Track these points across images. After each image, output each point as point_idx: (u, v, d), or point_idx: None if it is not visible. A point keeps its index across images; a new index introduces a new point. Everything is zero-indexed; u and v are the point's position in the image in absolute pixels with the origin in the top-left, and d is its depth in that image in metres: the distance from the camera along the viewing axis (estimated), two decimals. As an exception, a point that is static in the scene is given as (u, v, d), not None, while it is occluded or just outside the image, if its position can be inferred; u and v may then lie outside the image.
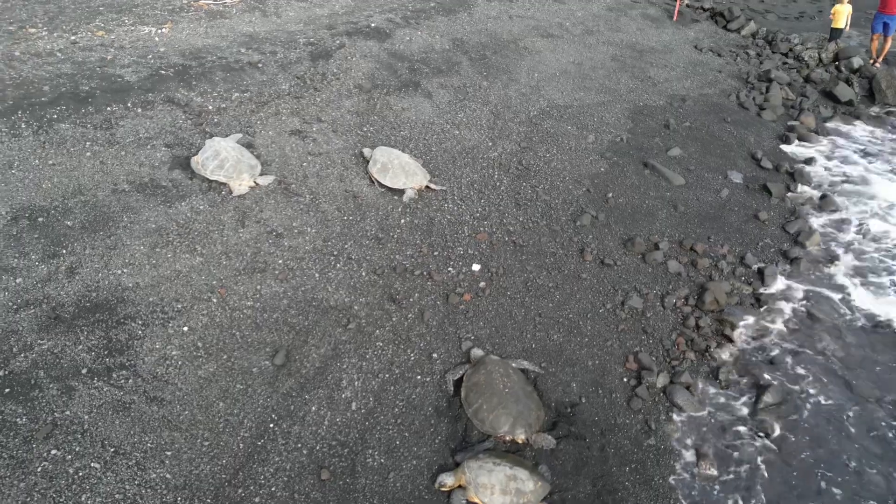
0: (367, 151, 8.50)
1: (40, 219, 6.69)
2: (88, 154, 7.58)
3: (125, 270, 6.30)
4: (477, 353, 5.95)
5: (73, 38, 10.36)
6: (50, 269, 6.17)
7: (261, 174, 7.84)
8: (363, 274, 6.75)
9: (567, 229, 7.98)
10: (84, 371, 5.33)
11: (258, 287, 6.37)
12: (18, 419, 4.89)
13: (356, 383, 5.62)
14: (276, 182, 7.80)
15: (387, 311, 6.38)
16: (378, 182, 8.05)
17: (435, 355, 6.02)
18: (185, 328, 5.82)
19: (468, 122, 9.72)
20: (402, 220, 7.56)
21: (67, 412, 5.00)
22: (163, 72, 9.37)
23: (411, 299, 6.56)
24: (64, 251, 6.39)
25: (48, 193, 6.97)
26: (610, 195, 8.73)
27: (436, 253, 7.20)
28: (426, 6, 13.14)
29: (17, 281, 6.01)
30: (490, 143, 9.34)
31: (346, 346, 5.95)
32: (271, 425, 5.17)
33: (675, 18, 15.61)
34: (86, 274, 6.19)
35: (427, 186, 8.13)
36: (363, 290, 6.56)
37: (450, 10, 13.18)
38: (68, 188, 7.08)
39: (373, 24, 11.80)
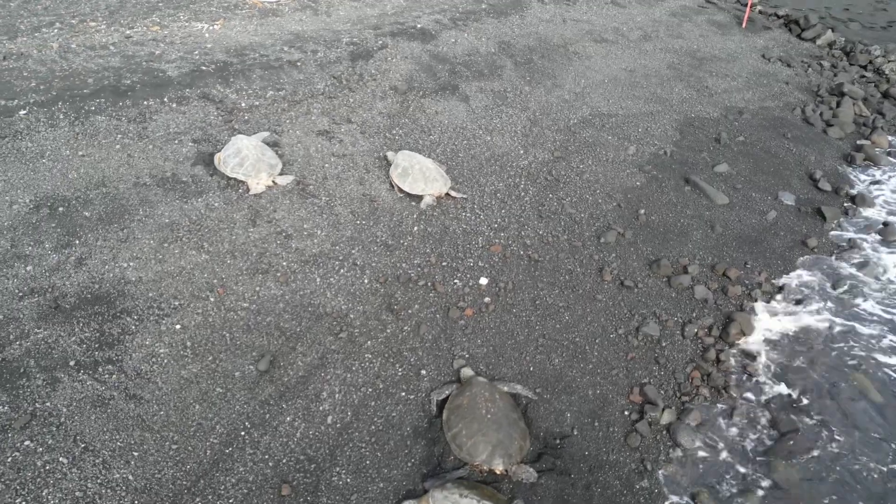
0: (390, 155, 8.31)
1: (60, 208, 6.81)
2: (118, 147, 7.69)
3: (131, 264, 6.33)
4: (467, 372, 5.65)
5: (128, 32, 10.61)
6: (60, 259, 6.26)
7: (280, 174, 7.77)
8: (365, 281, 6.56)
9: (589, 246, 7.54)
10: (72, 363, 5.35)
11: (257, 289, 6.28)
12: (0, 406, 4.94)
13: (337, 395, 5.43)
14: (294, 182, 7.71)
15: (382, 322, 6.16)
16: (398, 187, 7.84)
17: (424, 372, 5.75)
18: (178, 326, 5.78)
19: (502, 129, 9.38)
20: (416, 228, 7.32)
21: (48, 403, 5.03)
22: (203, 68, 9.46)
23: (410, 311, 6.32)
24: (77, 241, 6.48)
25: (73, 184, 7.10)
26: (642, 212, 8.21)
27: (444, 263, 6.92)
28: (477, 8, 12.84)
29: (28, 269, 6.12)
30: (522, 151, 8.97)
31: (334, 356, 5.76)
32: (242, 433, 5.04)
33: (744, 25, 14.70)
34: (93, 265, 6.25)
35: (447, 194, 7.86)
36: (362, 297, 6.36)
37: (501, 12, 12.84)
38: (92, 179, 7.19)
39: (419, 25, 11.61)
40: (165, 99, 8.75)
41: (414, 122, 9.17)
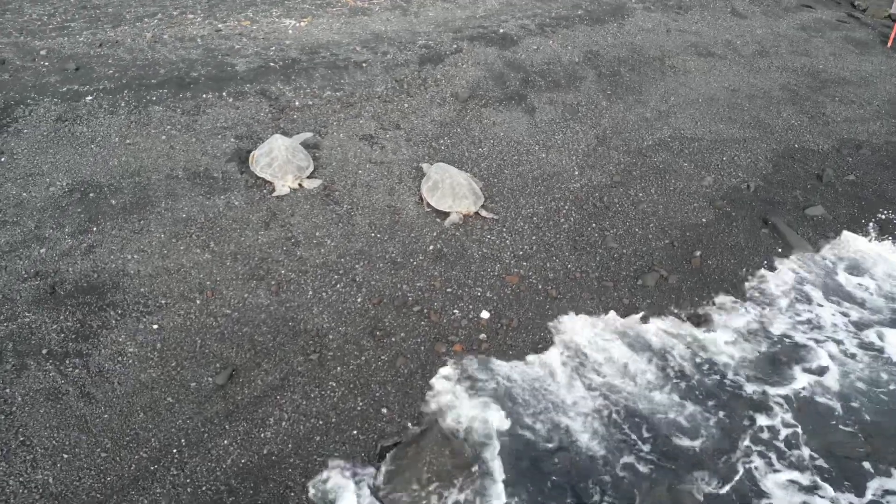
0: (425, 166, 7.78)
1: (91, 194, 6.93)
2: (163, 138, 7.76)
3: (135, 256, 6.29)
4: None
5: (220, 26, 10.83)
6: (73, 244, 6.33)
7: (309, 177, 7.48)
8: (358, 300, 6.10)
9: (622, 287, 6.60)
10: (44, 351, 5.34)
11: (246, 296, 6.01)
12: (-37, 387, 4.99)
13: (283, 423, 5.02)
14: (321, 186, 7.40)
15: (360, 348, 5.67)
16: (426, 201, 7.30)
17: (385, 410, 5.21)
18: (156, 326, 5.64)
19: (562, 146, 8.53)
20: (431, 247, 6.75)
21: (7, 390, 5.02)
22: (272, 64, 9.41)
23: (394, 338, 5.78)
24: (94, 228, 6.54)
25: (111, 171, 7.22)
26: (697, 254, 7.10)
27: (449, 289, 6.31)
28: (572, 13, 11.93)
29: (42, 251, 6.24)
30: (576, 172, 8.10)
31: (297, 379, 5.36)
32: (174, 450, 4.76)
33: (889, 45, 12.58)
34: (100, 254, 6.27)
35: (476, 213, 7.20)
36: (349, 318, 5.91)
37: (598, 19, 11.83)
38: (130, 168, 7.28)
39: (501, 30, 10.94)
40: (224, 93, 8.76)
41: (466, 132, 8.56)
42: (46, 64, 9.23)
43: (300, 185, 7.39)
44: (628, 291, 6.60)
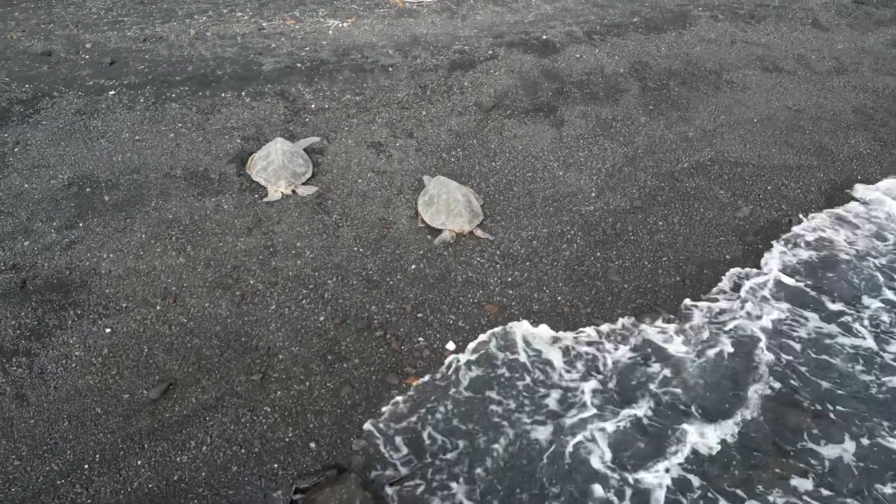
0: (425, 179, 7.31)
1: (88, 189, 6.91)
2: (171, 135, 7.68)
3: (111, 256, 6.18)
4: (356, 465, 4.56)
5: (264, 24, 10.78)
6: (56, 239, 6.31)
7: (305, 183, 7.17)
8: (321, 318, 5.71)
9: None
10: (-4, 347, 5.26)
11: (207, 305, 5.76)
12: (-90, 378, 4.98)
13: (204, 448, 4.69)
14: (315, 194, 7.07)
15: (308, 372, 5.28)
16: (421, 216, 6.83)
17: (313, 445, 4.78)
18: (108, 330, 5.48)
19: (584, 164, 7.82)
20: (413, 266, 6.27)
21: (-52, 384, 4.96)
22: (299, 65, 9.23)
23: (346, 364, 5.35)
24: (81, 224, 6.50)
25: (113, 167, 7.19)
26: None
27: (420, 314, 5.81)
28: (627, 21, 11.07)
29: (25, 244, 6.24)
30: (593, 194, 7.38)
31: (232, 400, 5.03)
32: (86, 466, 4.54)
33: None
34: (78, 251, 6.20)
35: (471, 232, 6.65)
36: (305, 338, 5.54)
37: (655, 27, 10.92)
38: (132, 165, 7.23)
39: (544, 37, 10.28)
40: (243, 93, 8.62)
41: (483, 144, 8.00)
42: (87, 57, 9.41)
43: (293, 191, 7.08)
44: (621, 333, 5.84)
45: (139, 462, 4.56)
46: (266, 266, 6.19)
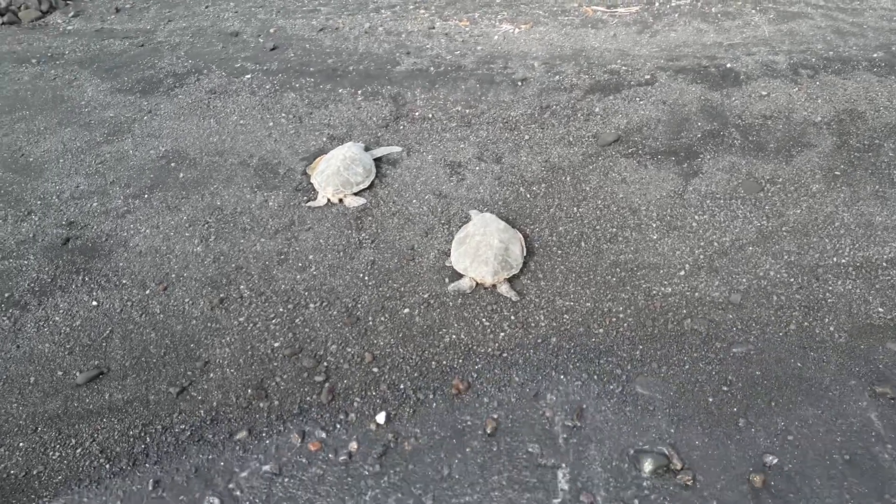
0: (472, 213, 6.28)
1: (172, 164, 7.29)
2: (270, 124, 7.79)
3: (147, 231, 6.39)
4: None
5: (438, 23, 10.59)
6: (118, 205, 6.71)
7: (358, 193, 6.68)
8: (275, 345, 5.18)
9: (600, 459, 4.34)
10: (6, 295, 5.71)
11: (187, 300, 5.60)
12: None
13: (79, 450, 4.47)
14: (362, 206, 6.54)
15: (222, 400, 4.78)
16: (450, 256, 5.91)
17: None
18: (94, 303, 5.63)
19: (692, 231, 6.05)
20: (406, 310, 5.40)
21: (-45, 318, 5.49)
22: (432, 69, 8.94)
23: (261, 404, 4.74)
24: (147, 195, 6.84)
25: (204, 146, 7.51)
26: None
27: (375, 369, 4.95)
28: (863, 55, 8.45)
29: (94, 204, 6.74)
30: (682, 272, 5.64)
31: (137, 408, 4.75)
32: (-19, 432, 4.61)
33: None
34: (126, 221, 6.54)
35: (493, 285, 5.53)
36: (246, 362, 5.05)
37: (901, 67, 8.15)
38: (221, 147, 7.46)
39: (729, 65, 8.31)
40: (360, 91, 8.40)
41: (576, 183, 6.66)
42: (261, 41, 10.00)
43: (340, 199, 6.58)
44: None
45: (21, 444, 4.47)
46: (266, 274, 5.78)
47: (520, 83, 8.23)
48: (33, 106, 8.53)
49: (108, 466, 4.34)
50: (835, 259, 5.62)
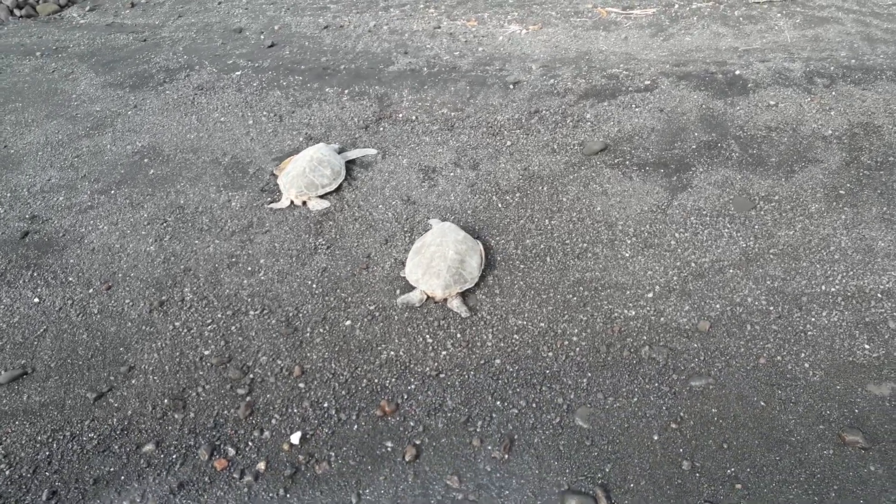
0: (433, 222, 5.94)
1: (145, 160, 7.18)
2: (250, 122, 7.62)
3: (104, 228, 6.26)
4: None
5: (445, 23, 10.33)
6: (83, 200, 6.62)
7: (323, 196, 6.43)
8: (205, 353, 4.95)
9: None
10: (-44, 287, 5.64)
11: (127, 302, 5.42)
12: None
13: (-19, 455, 4.31)
14: (325, 210, 6.29)
15: (139, 409, 4.57)
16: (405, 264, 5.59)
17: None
18: (37, 300, 5.49)
19: (669, 249, 5.56)
20: (348, 322, 5.10)
21: None
22: (425, 69, 8.51)
23: (177, 415, 4.49)
24: (113, 191, 6.73)
25: (180, 143, 7.38)
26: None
27: (302, 385, 4.66)
28: (890, 64, 7.76)
29: (59, 199, 6.66)
30: (650, 294, 5.18)
31: (50, 412, 4.57)
32: None
33: None
34: (87, 217, 6.42)
35: (445, 299, 5.19)
36: (171, 370, 4.82)
37: (932, 77, 7.44)
38: (196, 144, 7.32)
39: (738, 72, 7.76)
40: (346, 90, 8.17)
41: (553, 194, 6.25)
42: (262, 37, 9.87)
43: (304, 202, 6.33)
44: None
45: (-74, 445, 4.32)
46: (212, 277, 5.56)
47: (512, 86, 7.83)
48: (27, 98, 8.56)
49: (7, 472, 4.13)
50: (823, 287, 5.06)
